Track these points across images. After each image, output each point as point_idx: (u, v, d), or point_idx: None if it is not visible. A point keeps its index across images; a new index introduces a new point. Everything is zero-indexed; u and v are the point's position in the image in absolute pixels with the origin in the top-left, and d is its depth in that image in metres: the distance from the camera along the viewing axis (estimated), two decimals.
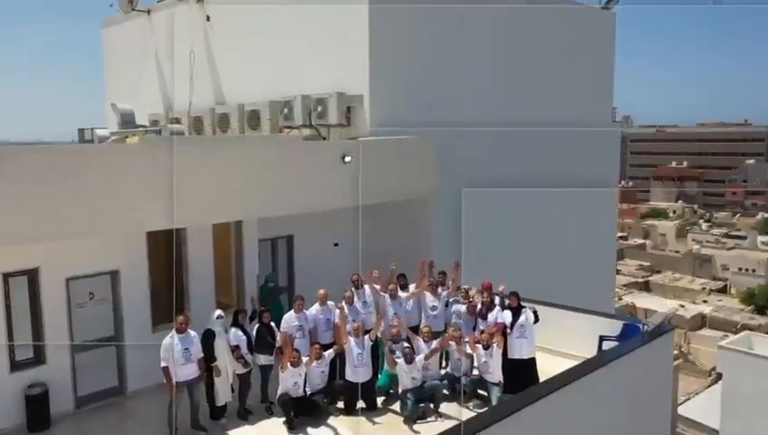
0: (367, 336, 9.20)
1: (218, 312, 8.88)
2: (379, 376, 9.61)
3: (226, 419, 9.02)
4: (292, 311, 9.42)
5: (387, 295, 9.99)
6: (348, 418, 9.06)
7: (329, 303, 9.80)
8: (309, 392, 8.97)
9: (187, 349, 8.35)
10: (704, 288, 68.18)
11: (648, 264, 75.12)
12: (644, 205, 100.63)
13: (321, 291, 9.77)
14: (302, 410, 8.82)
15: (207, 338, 8.73)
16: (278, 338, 9.23)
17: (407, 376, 9.00)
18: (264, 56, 15.55)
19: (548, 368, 9.97)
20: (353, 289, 10.14)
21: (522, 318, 9.57)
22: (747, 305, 60.37)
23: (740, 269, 70.35)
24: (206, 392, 8.83)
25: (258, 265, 11.61)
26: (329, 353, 9.14)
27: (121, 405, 9.61)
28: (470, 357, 9.51)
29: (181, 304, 10.63)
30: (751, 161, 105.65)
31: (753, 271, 69.11)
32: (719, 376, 33.49)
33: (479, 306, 9.96)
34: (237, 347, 8.89)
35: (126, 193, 8.80)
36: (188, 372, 8.38)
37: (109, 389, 9.71)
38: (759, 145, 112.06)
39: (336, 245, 13.50)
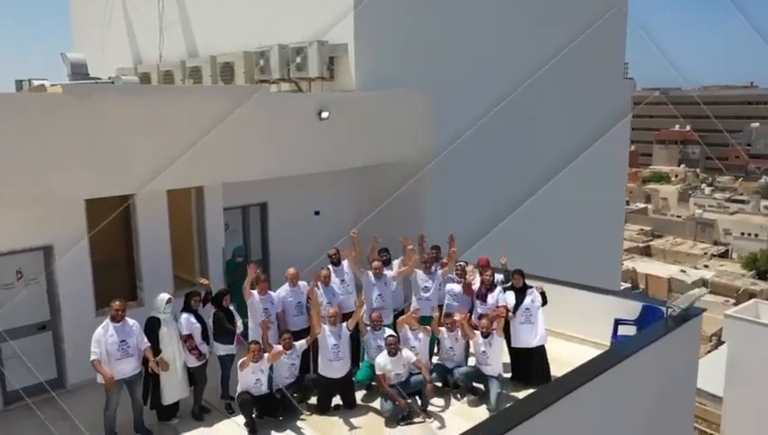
0: (345, 324, 7.80)
1: (164, 295, 7.46)
2: (361, 365, 8.25)
3: (179, 419, 7.69)
4: (255, 293, 8.00)
5: (370, 274, 8.55)
6: (321, 418, 7.73)
7: (300, 283, 8.38)
8: (276, 388, 7.64)
9: (124, 341, 6.94)
10: (705, 253, 67.15)
11: (649, 228, 73.96)
12: (646, 169, 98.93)
13: (291, 270, 8.33)
14: (267, 409, 7.47)
15: (151, 327, 7.33)
16: (238, 324, 7.85)
17: (391, 371, 7.62)
18: (238, 2, 13.83)
19: (555, 354, 8.66)
20: (330, 266, 8.73)
21: (527, 301, 8.17)
22: (749, 270, 59.37)
23: (742, 234, 69.29)
24: (152, 391, 7.47)
25: (224, 236, 10.16)
26: (300, 344, 7.77)
27: (61, 401, 8.24)
28: (466, 339, 8.11)
29: (132, 282, 9.24)
30: (755, 124, 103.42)
31: (756, 235, 67.98)
32: (720, 342, 32.82)
33: (476, 286, 8.54)
34: (190, 337, 7.49)
35: (51, 153, 7.30)
36: (127, 367, 6.99)
37: (46, 382, 8.34)
38: (764, 108, 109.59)
39: (317, 213, 12.04)
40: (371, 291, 8.46)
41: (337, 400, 7.92)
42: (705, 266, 62.00)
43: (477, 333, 7.91)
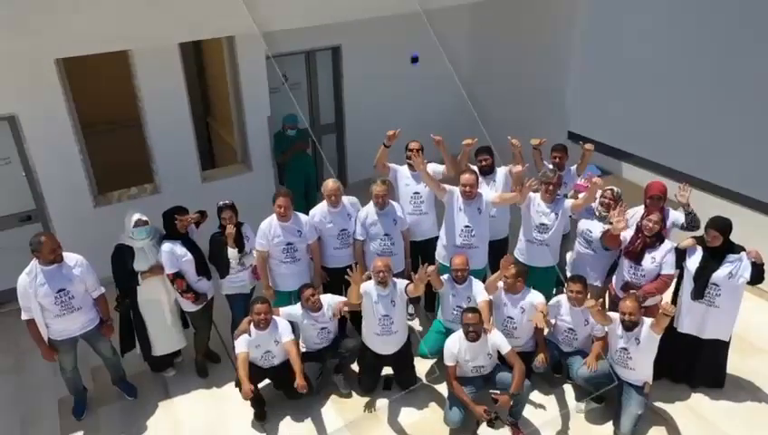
0: (402, 285, 5.02)
1: (135, 215, 5.02)
2: (436, 322, 5.61)
3: (176, 371, 5.74)
4: (272, 218, 5.31)
5: (456, 193, 5.45)
6: (362, 402, 5.37)
7: (345, 200, 5.54)
8: (303, 351, 5.33)
9: (63, 290, 4.68)
10: None
11: None
12: None
13: (330, 183, 5.42)
14: (283, 382, 5.21)
15: (121, 259, 5.04)
16: (253, 253, 5.37)
17: (467, 361, 4.90)
18: None
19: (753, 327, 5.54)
20: (405, 169, 5.78)
21: (721, 272, 4.75)
22: None
23: None
24: (137, 339, 5.43)
25: (269, 100, 7.31)
26: (335, 303, 5.20)
27: None
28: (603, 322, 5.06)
29: (143, 165, 6.94)
30: None
31: None
32: None
33: (629, 233, 5.16)
34: (179, 276, 5.13)
35: None
36: (74, 325, 4.82)
37: None
38: None
39: (415, 60, 8.72)
40: (456, 220, 5.42)
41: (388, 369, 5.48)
42: None
43: (616, 318, 4.79)
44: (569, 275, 5.33)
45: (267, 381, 5.21)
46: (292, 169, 7.36)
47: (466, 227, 5.39)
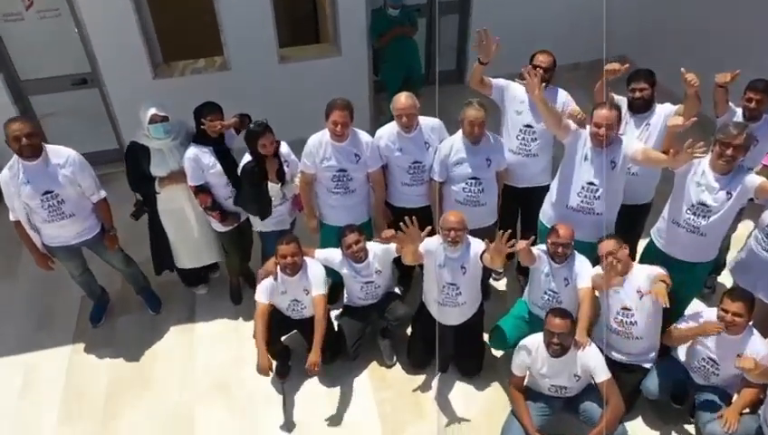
0: (477, 248, 3.62)
1: (153, 109, 3.92)
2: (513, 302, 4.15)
3: (207, 290, 4.92)
4: (324, 134, 3.96)
5: (584, 135, 3.74)
6: (403, 377, 4.24)
7: (423, 122, 4.03)
8: (345, 303, 4.27)
9: (50, 192, 3.80)
10: None
11: None
12: None
13: (402, 98, 3.89)
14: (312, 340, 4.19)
15: (135, 159, 4.06)
16: (295, 180, 4.18)
17: (544, 376, 3.54)
18: None
19: None
20: (511, 94, 4.14)
21: None
22: None
23: None
24: (155, 249, 4.59)
25: None
26: (383, 251, 3.94)
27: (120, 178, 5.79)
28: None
29: (212, 37, 5.77)
30: None
31: None
32: None
33: None
34: (202, 190, 4.09)
35: None
36: (66, 233, 3.98)
37: (104, 151, 5.95)
38: None
39: None
40: (577, 172, 3.75)
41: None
42: None
43: None
44: (729, 273, 3.64)
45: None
46: (391, 59, 5.88)
47: (590, 184, 3.74)
